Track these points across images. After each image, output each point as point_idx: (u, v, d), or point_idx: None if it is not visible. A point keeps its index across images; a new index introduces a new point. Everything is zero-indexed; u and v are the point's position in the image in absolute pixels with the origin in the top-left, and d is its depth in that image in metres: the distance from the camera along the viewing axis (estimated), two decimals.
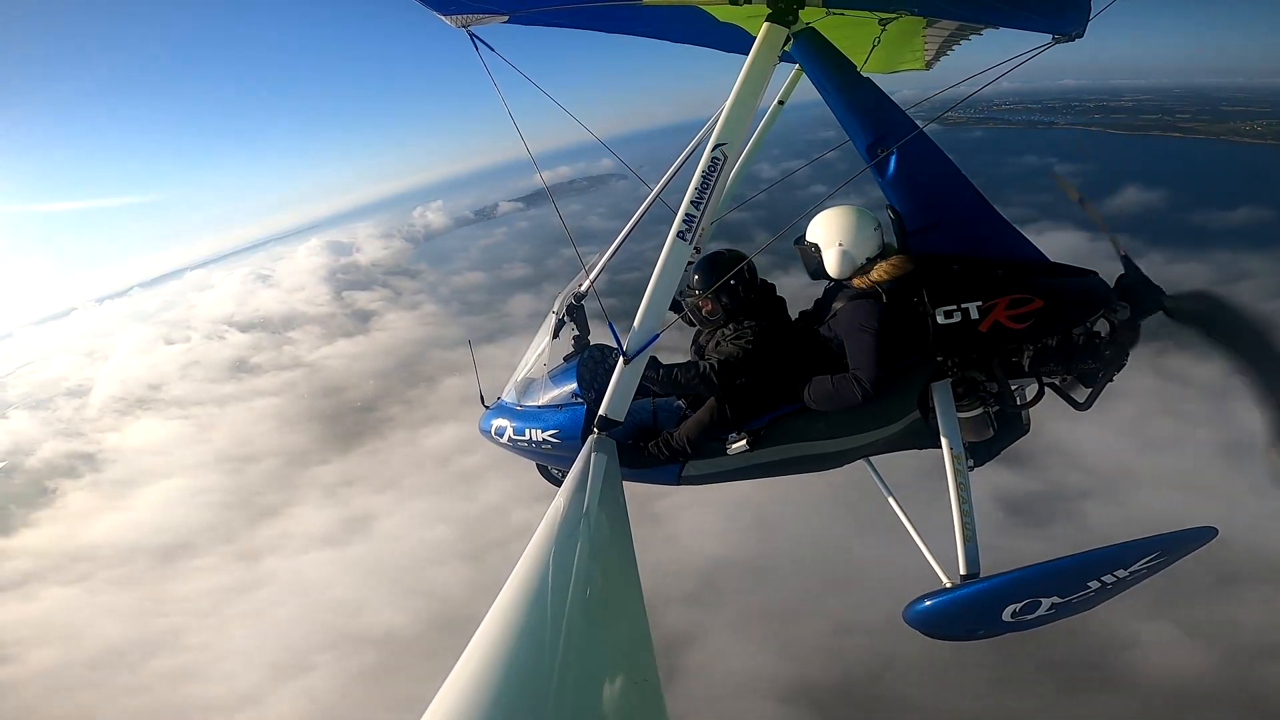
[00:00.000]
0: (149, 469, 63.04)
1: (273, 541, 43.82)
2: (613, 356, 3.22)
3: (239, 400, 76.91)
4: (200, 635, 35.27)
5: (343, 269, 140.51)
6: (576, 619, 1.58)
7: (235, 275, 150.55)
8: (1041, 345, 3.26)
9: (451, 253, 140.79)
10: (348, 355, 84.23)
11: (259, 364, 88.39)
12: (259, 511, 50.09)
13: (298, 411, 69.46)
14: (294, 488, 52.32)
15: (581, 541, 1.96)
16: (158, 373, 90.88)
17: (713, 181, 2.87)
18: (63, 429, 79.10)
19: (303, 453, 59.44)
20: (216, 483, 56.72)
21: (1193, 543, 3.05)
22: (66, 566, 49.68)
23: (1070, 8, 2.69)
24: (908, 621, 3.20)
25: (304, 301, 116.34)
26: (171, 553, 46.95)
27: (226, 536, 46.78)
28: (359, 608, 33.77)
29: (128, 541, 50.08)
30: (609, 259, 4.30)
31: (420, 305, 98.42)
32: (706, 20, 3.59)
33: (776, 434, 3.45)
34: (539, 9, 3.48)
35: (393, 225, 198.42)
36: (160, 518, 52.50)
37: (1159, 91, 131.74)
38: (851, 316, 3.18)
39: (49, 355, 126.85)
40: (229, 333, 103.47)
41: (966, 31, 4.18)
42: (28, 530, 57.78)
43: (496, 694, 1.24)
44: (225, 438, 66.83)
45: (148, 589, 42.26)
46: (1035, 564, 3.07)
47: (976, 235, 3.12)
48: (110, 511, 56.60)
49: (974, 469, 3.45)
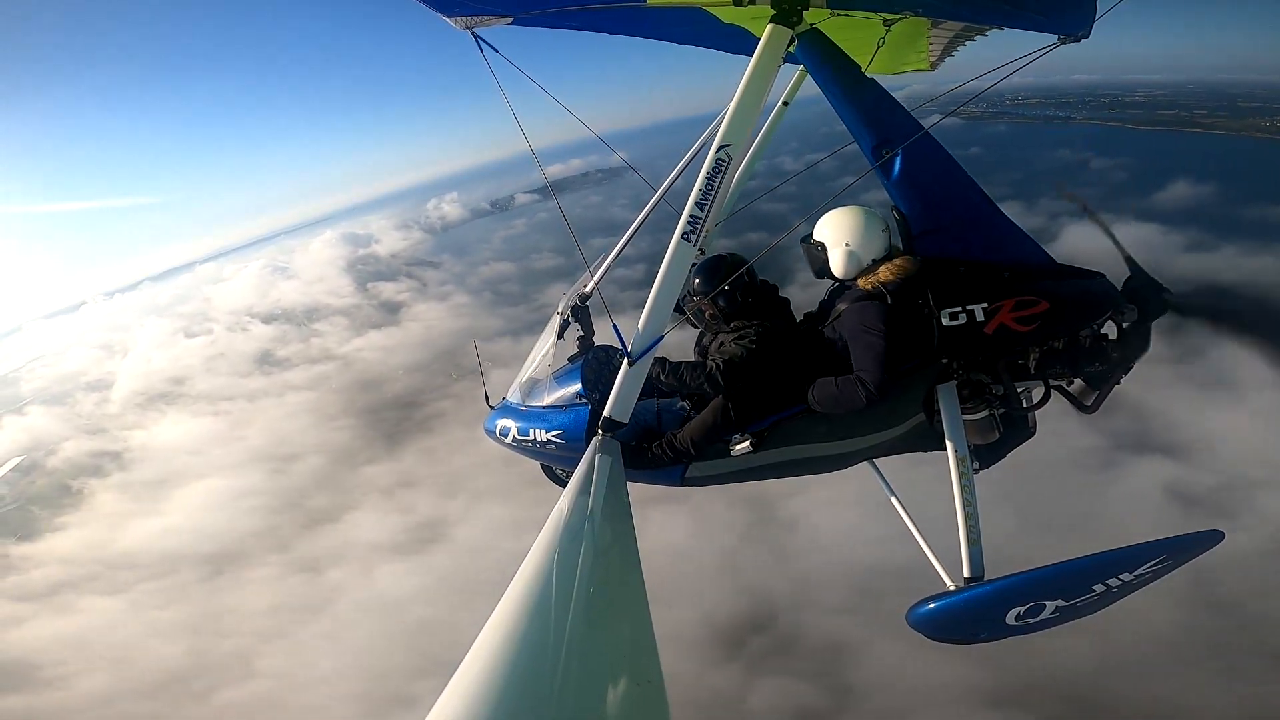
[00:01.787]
0: (182, 469, 59.23)
1: (334, 551, 39.86)
2: (617, 358, 3.37)
3: (270, 395, 73.18)
4: (273, 660, 31.44)
5: (362, 260, 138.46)
6: (580, 620, 1.57)
7: (251, 268, 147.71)
8: (1048, 347, 3.24)
9: (472, 244, 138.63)
10: (380, 347, 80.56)
11: (287, 357, 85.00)
12: (311, 516, 46.25)
13: (335, 406, 65.56)
14: (345, 490, 48.47)
15: (585, 543, 1.95)
16: (181, 366, 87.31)
17: (717, 183, 2.85)
18: (85, 425, 75.38)
19: (347, 451, 55.54)
20: (258, 484, 52.93)
21: (1199, 546, 3.04)
22: (102, 575, 45.86)
23: (1075, 9, 2.66)
24: (911, 624, 3.17)
25: (327, 293, 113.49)
26: (219, 562, 43.14)
27: (279, 544, 42.94)
28: (453, 628, 29.70)
29: (168, 549, 46.27)
30: (614, 260, 4.26)
31: (450, 296, 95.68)
32: (710, 21, 3.56)
33: (780, 436, 3.42)
34: (542, 11, 3.42)
35: (407, 217, 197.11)
36: (201, 522, 48.68)
37: (1172, 87, 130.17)
38: (856, 318, 3.14)
39: (62, 349, 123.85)
40: (252, 324, 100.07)
41: (972, 32, 4.12)
42: (54, 535, 53.92)
43: (500, 695, 1.23)
44: (261, 434, 63.04)
45: (199, 604, 38.46)
46: (1040, 567, 3.05)
47: (982, 237, 3.09)
48: (145, 515, 52.77)
49: (979, 472, 3.47)
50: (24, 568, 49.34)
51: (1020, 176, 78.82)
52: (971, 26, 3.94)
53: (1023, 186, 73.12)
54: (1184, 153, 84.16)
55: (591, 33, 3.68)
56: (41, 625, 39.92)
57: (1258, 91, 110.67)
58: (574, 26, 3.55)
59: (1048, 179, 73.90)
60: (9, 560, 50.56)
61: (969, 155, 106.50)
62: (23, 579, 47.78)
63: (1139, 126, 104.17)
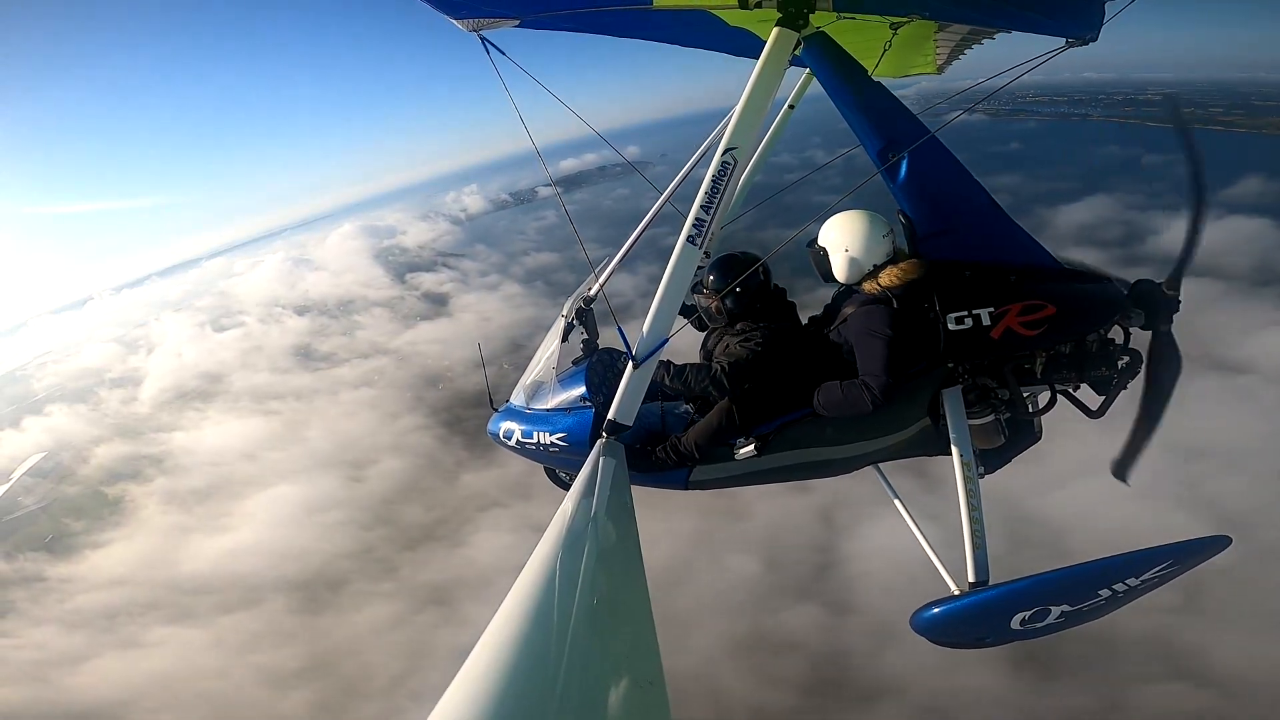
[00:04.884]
0: (237, 476, 52.55)
1: (466, 580, 33.01)
2: (621, 360, 3.55)
3: (323, 392, 66.50)
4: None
5: (388, 251, 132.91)
6: (583, 622, 1.56)
7: (270, 261, 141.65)
8: (1054, 352, 3.21)
9: (503, 235, 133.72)
10: (436, 340, 74.13)
11: (332, 351, 78.75)
12: (410, 534, 39.79)
13: (398, 404, 58.91)
14: (448, 504, 41.83)
15: (589, 545, 1.94)
16: (215, 361, 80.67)
17: (723, 186, 2.83)
18: (114, 425, 68.43)
19: (431, 456, 48.83)
20: (334, 494, 46.38)
21: (1205, 552, 3.01)
22: (168, 602, 39.26)
23: (1084, 12, 2.66)
24: (915, 628, 3.14)
25: (359, 284, 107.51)
26: (311, 589, 36.65)
27: (384, 569, 36.46)
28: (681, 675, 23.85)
29: (243, 571, 39.68)
30: (619, 262, 4.25)
31: (499, 287, 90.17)
32: (716, 24, 3.55)
33: (785, 439, 3.38)
34: (549, 13, 3.41)
35: (425, 210, 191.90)
36: (276, 540, 42.18)
37: (1184, 85, 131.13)
38: (862, 322, 3.12)
39: (74, 344, 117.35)
40: (285, 316, 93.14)
41: (979, 35, 4.09)
42: (97, 552, 47.07)
43: (503, 697, 1.23)
44: (322, 436, 56.39)
45: (305, 640, 31.93)
46: (1045, 572, 3.03)
47: (989, 241, 3.06)
48: (205, 530, 46.10)
49: (985, 476, 3.43)
50: (66, 591, 42.67)
51: (1083, 171, 79.82)
52: (978, 29, 3.90)
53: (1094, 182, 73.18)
54: (1227, 149, 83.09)
55: None
56: (109, 663, 33.52)
57: (1269, 89, 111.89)
58: (580, 29, 3.53)
59: (1117, 175, 74.88)
60: (47, 582, 43.86)
61: (1010, 151, 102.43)
62: (67, 604, 41.15)
63: (1158, 124, 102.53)
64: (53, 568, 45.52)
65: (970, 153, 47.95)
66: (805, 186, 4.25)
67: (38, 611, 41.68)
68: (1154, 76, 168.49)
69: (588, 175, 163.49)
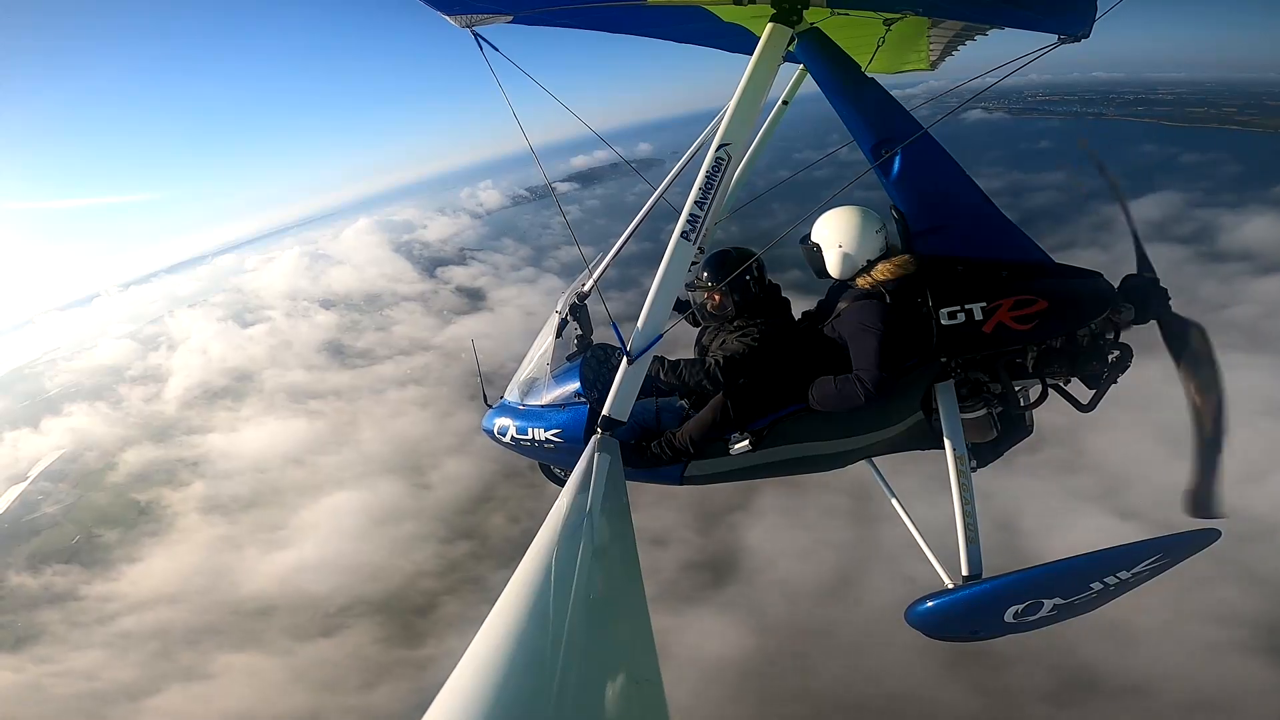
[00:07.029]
0: (286, 483, 48.33)
1: None
2: (616, 356, 3.42)
3: (367, 390, 62.13)
4: None
5: (408, 245, 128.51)
6: (579, 619, 1.55)
7: (286, 256, 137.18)
8: (1046, 346, 3.25)
9: (529, 229, 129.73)
10: (480, 335, 69.61)
11: (367, 348, 74.35)
12: (500, 549, 35.66)
13: (453, 402, 54.58)
14: (534, 514, 37.68)
15: (584, 542, 1.92)
16: (244, 357, 76.01)
17: (717, 182, 2.85)
18: (141, 425, 63.81)
19: (502, 459, 44.64)
20: (401, 503, 42.19)
21: (1196, 545, 3.04)
22: (233, 626, 35.04)
23: (1075, 9, 2.66)
24: (909, 622, 3.18)
25: (385, 278, 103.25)
26: (398, 613, 32.58)
27: (480, 593, 32.35)
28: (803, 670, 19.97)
29: (316, 592, 35.48)
30: (612, 259, 4.26)
31: (539, 280, 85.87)
32: (711, 20, 3.56)
33: (779, 434, 3.40)
34: (542, 9, 3.44)
35: (441, 205, 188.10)
36: (344, 555, 37.93)
37: (1196, 85, 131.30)
38: (855, 317, 3.14)
39: (85, 341, 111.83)
40: (312, 310, 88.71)
41: (972, 32, 4.12)
42: (133, 567, 42.55)
43: (498, 694, 1.22)
44: (376, 439, 52.10)
45: (408, 678, 27.82)
46: (1037, 565, 3.08)
47: (981, 236, 3.09)
48: (259, 544, 41.81)
49: (977, 470, 3.44)
50: (106, 611, 38.32)
51: (1128, 170, 76.72)
52: (971, 26, 3.93)
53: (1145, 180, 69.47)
54: (1257, 148, 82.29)
55: None
56: (174, 700, 29.30)
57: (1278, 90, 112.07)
58: (574, 25, 3.52)
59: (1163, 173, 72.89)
60: (83, 601, 39.47)
61: (1039, 149, 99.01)
62: (111, 627, 36.83)
63: (1174, 124, 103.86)
64: (88, 585, 41.13)
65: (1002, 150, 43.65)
66: (800, 182, 4.22)
67: (77, 636, 37.31)
68: (1161, 76, 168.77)
69: (601, 172, 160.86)
